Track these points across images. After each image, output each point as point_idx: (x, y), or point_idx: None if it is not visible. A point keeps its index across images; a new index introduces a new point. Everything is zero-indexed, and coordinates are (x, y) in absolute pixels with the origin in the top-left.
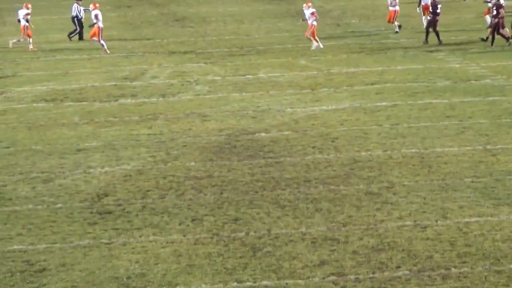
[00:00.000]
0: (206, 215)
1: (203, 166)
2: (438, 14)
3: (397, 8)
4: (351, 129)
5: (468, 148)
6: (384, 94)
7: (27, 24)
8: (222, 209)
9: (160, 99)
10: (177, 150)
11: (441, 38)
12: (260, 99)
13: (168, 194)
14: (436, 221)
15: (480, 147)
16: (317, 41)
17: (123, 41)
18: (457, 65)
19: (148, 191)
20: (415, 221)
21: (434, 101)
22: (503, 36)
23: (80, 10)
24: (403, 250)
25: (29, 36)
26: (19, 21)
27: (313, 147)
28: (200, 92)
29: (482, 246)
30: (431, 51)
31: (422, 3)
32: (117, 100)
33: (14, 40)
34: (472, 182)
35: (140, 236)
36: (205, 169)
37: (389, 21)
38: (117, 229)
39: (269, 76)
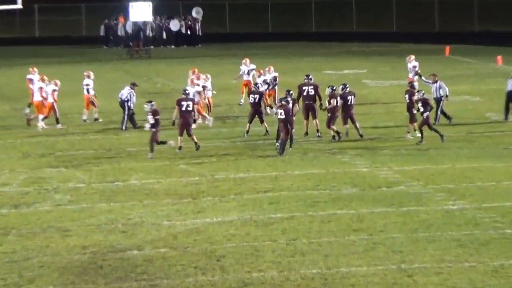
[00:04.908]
0: None
1: None
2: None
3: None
4: (240, 246)
5: (379, 267)
6: (279, 204)
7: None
8: None
9: (12, 210)
10: (32, 271)
11: None
12: (132, 210)
13: None
14: None
15: (394, 267)
16: None
17: None
18: (365, 169)
19: None
20: None
21: (338, 212)
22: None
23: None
24: None
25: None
26: (87, 91)
27: (195, 267)
28: (60, 202)
29: None
30: (334, 153)
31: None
32: None
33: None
34: None
35: None
36: None
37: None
38: None
39: (142, 182)
